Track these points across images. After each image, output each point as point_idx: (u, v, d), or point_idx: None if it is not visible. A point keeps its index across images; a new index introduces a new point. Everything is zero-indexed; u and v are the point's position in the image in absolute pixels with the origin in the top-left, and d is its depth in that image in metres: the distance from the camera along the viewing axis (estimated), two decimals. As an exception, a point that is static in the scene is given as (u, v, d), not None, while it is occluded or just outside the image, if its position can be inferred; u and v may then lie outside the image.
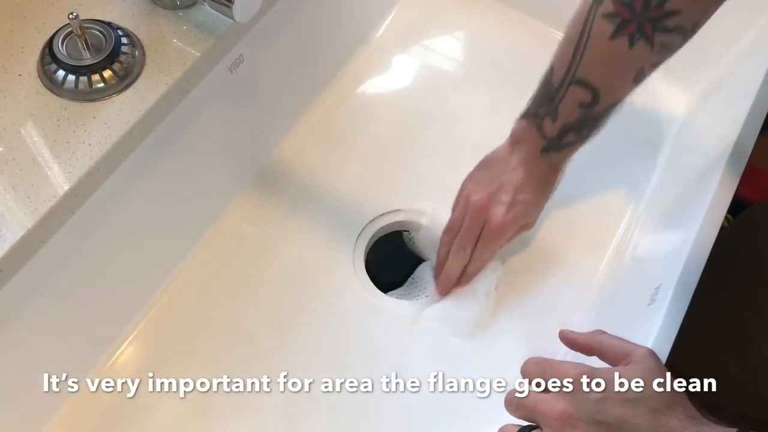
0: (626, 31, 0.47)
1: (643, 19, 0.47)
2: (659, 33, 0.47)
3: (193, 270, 0.64)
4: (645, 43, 0.48)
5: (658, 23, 0.47)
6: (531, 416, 0.41)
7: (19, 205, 0.45)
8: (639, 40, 0.48)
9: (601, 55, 0.50)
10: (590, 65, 0.50)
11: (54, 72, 0.48)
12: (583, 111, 0.52)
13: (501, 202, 0.57)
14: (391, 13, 0.80)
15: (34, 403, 0.54)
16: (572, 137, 0.55)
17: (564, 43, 0.52)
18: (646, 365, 0.39)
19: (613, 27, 0.48)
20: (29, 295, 0.48)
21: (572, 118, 0.53)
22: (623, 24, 0.47)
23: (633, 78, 0.51)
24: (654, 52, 0.48)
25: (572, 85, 0.51)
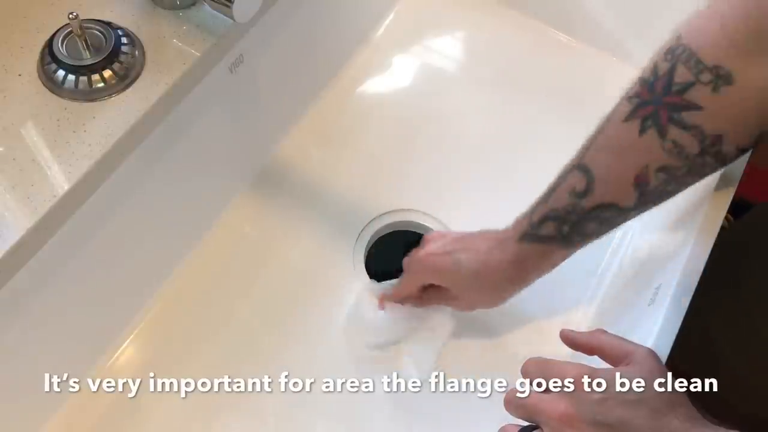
0: (641, 113, 0.42)
1: (660, 102, 0.41)
2: (673, 126, 0.41)
3: (193, 270, 0.64)
4: (656, 133, 0.41)
5: (675, 113, 0.41)
6: (532, 416, 0.41)
7: (19, 205, 0.44)
8: (650, 128, 0.42)
9: (609, 139, 0.44)
10: (596, 149, 0.45)
11: (54, 72, 0.48)
12: (570, 200, 0.46)
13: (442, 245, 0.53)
14: (391, 13, 0.80)
15: (34, 403, 0.54)
16: (550, 228, 0.48)
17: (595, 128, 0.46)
18: (647, 365, 0.39)
19: (630, 108, 0.42)
20: (29, 295, 0.48)
21: (558, 205, 0.47)
22: (640, 105, 0.42)
23: (634, 177, 0.43)
24: (664, 149, 0.42)
25: (574, 169, 0.46)
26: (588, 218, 0.46)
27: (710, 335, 0.58)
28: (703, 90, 0.39)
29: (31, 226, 0.44)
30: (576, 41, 0.79)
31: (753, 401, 0.57)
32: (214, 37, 0.52)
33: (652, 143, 0.42)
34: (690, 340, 0.46)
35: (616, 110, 0.44)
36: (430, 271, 0.54)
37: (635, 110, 0.42)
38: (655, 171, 0.43)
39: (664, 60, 0.41)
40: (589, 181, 0.45)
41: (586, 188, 0.45)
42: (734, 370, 0.56)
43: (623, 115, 0.43)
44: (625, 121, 0.43)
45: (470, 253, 0.52)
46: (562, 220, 0.47)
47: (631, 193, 0.44)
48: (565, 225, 0.47)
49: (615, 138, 0.44)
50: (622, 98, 0.44)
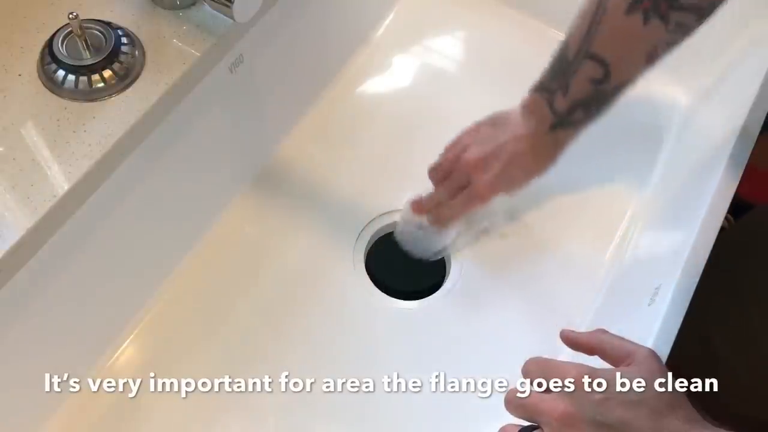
0: (641, 6, 0.47)
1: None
2: (674, 11, 0.46)
3: (193, 270, 0.64)
4: (659, 20, 0.47)
5: (674, 1, 0.46)
6: (532, 416, 0.41)
7: (18, 205, 0.44)
8: (653, 17, 0.47)
9: (615, 30, 0.49)
10: (603, 40, 0.49)
11: (54, 72, 0.48)
12: (593, 87, 0.52)
13: (491, 169, 0.57)
14: (391, 13, 0.80)
15: (34, 403, 0.54)
16: (581, 114, 0.54)
17: (579, 17, 0.51)
18: (647, 366, 0.39)
19: (627, 3, 0.47)
20: (29, 295, 0.48)
21: (582, 95, 0.52)
22: (638, 0, 0.47)
23: (646, 56, 0.50)
24: (669, 30, 0.48)
25: (585, 59, 0.51)
26: (611, 96, 0.52)
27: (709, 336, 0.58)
28: None
29: (31, 226, 0.44)
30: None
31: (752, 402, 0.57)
32: (214, 37, 0.52)
33: (657, 29, 0.47)
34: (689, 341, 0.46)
35: (611, 3, 0.48)
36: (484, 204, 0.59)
37: (634, 4, 0.47)
38: (663, 47, 0.49)
39: None
40: (605, 69, 0.50)
41: (604, 75, 0.50)
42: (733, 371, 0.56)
43: (623, 8, 0.47)
44: (628, 14, 0.47)
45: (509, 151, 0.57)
46: (589, 105, 0.53)
47: (643, 68, 0.51)
48: (593, 107, 0.53)
49: (620, 30, 0.49)
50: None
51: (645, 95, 0.76)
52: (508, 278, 0.65)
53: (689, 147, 0.70)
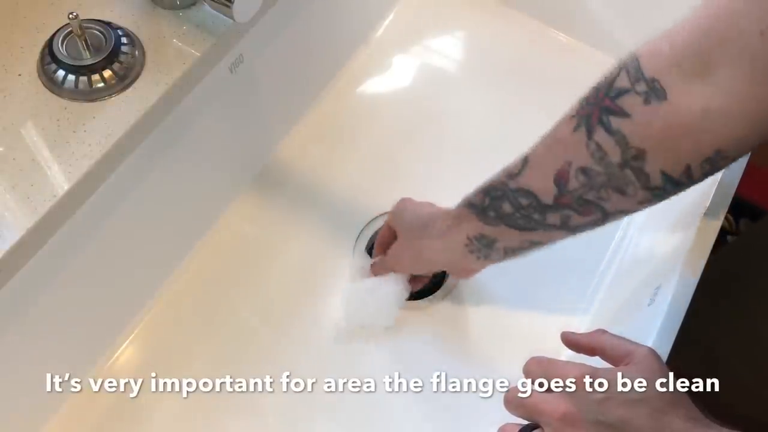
0: (582, 112, 0.42)
1: (596, 105, 0.41)
2: (600, 127, 0.41)
3: (193, 270, 0.64)
4: (584, 131, 0.42)
5: (605, 116, 0.41)
6: (532, 416, 0.41)
7: (18, 205, 0.44)
8: (581, 126, 0.42)
9: (553, 131, 0.45)
10: (542, 139, 0.45)
11: (54, 72, 0.48)
12: (502, 177, 0.47)
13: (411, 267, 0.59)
14: (391, 13, 0.80)
15: (34, 403, 0.54)
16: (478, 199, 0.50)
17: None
18: (648, 365, 0.39)
19: (578, 106, 0.43)
20: (29, 295, 0.48)
21: (493, 180, 0.49)
22: (584, 104, 0.42)
23: (556, 171, 0.43)
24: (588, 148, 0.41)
25: (522, 155, 0.47)
26: (506, 197, 0.47)
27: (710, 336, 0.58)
28: (635, 99, 0.39)
29: (31, 226, 0.44)
30: (576, 41, 0.79)
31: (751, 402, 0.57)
32: (214, 37, 0.52)
33: (579, 141, 0.42)
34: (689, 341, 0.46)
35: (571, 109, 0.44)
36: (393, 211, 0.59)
37: (579, 109, 0.43)
38: (576, 170, 0.43)
39: (617, 65, 0.41)
40: (522, 166, 0.46)
41: (518, 171, 0.46)
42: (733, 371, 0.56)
43: (572, 112, 0.44)
44: (568, 118, 0.43)
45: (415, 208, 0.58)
46: (486, 193, 0.49)
47: (550, 187, 0.44)
48: (488, 197, 0.49)
49: (554, 131, 0.44)
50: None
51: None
52: (508, 278, 0.65)
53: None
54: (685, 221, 0.55)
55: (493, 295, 0.64)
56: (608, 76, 0.41)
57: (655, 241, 0.63)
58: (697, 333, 0.47)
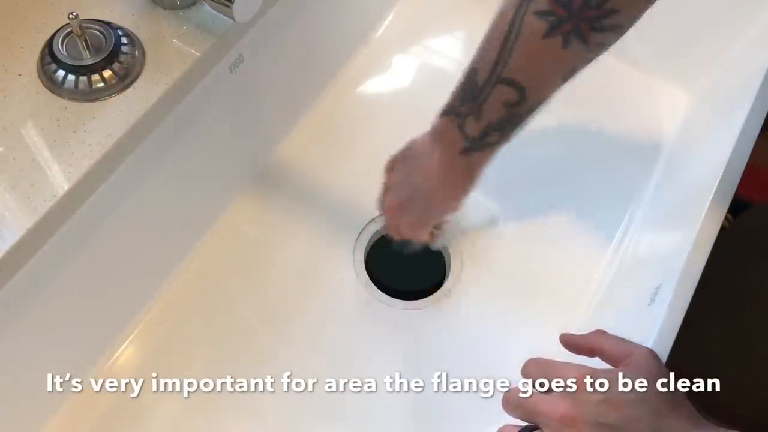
0: (561, 30, 0.44)
1: (579, 18, 0.43)
2: (595, 33, 0.44)
3: (193, 270, 0.64)
4: (580, 43, 0.45)
5: (596, 23, 0.44)
6: (531, 417, 0.41)
7: (18, 205, 0.44)
8: (574, 40, 0.44)
9: (531, 54, 0.46)
10: (518, 64, 0.47)
11: (54, 72, 0.48)
12: (508, 110, 0.49)
13: (411, 215, 0.57)
14: (391, 13, 0.80)
15: (34, 404, 0.54)
16: (496, 137, 0.51)
17: (488, 40, 0.49)
18: (648, 365, 0.39)
19: (547, 26, 0.44)
20: (29, 295, 0.48)
21: (496, 118, 0.50)
22: (558, 23, 0.44)
23: (563, 77, 0.48)
24: (589, 51, 0.46)
25: (498, 84, 0.48)
26: (526, 116, 0.50)
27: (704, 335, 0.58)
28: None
29: (31, 226, 0.44)
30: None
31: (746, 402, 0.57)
32: (214, 37, 0.52)
33: (577, 51, 0.45)
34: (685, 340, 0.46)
35: (527, 27, 0.46)
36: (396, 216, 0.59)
37: (553, 28, 0.44)
38: (581, 65, 0.47)
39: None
40: (520, 93, 0.47)
41: (519, 98, 0.48)
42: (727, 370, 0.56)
43: (540, 32, 0.45)
44: (545, 38, 0.45)
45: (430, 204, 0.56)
46: (504, 127, 0.50)
47: (560, 85, 0.48)
48: (507, 129, 0.51)
49: (538, 53, 0.46)
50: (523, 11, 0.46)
51: (645, 96, 0.76)
52: (509, 278, 0.65)
53: (689, 146, 0.70)
54: (685, 221, 0.55)
55: (494, 295, 0.64)
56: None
57: (655, 240, 0.63)
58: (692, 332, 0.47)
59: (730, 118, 0.60)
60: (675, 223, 0.60)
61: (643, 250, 0.64)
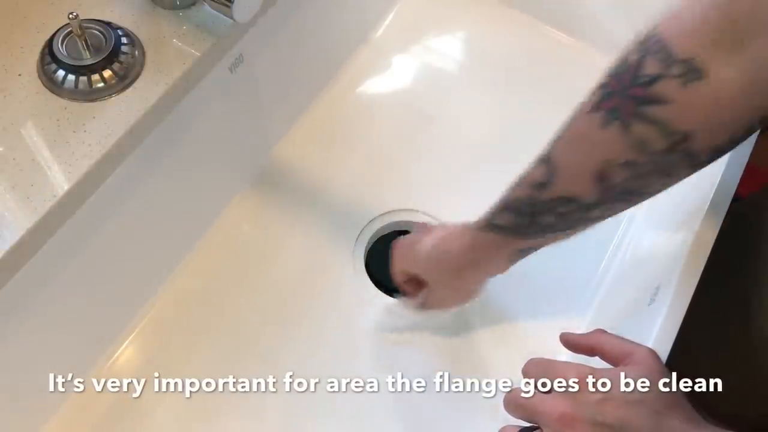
0: (607, 104, 0.39)
1: (625, 95, 0.39)
2: (638, 120, 0.38)
3: (193, 270, 0.64)
4: (619, 126, 0.39)
5: (640, 107, 0.38)
6: (531, 417, 0.41)
7: (18, 205, 0.44)
8: (613, 121, 0.39)
9: (573, 130, 0.42)
10: (560, 140, 0.43)
11: (54, 72, 0.48)
12: (530, 191, 0.44)
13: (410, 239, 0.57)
14: (391, 13, 0.80)
15: (35, 403, 0.54)
16: (506, 220, 0.47)
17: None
18: (649, 365, 0.39)
19: (596, 99, 0.40)
20: (29, 295, 0.48)
21: (516, 196, 0.46)
22: (606, 97, 0.40)
23: (595, 170, 0.41)
24: (627, 144, 0.39)
25: (539, 161, 0.44)
26: (545, 211, 0.44)
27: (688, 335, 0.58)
28: (672, 84, 0.37)
29: (31, 226, 0.44)
30: (576, 41, 0.79)
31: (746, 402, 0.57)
32: (214, 37, 0.52)
33: (614, 137, 0.39)
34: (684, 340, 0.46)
35: (584, 101, 0.42)
36: (398, 257, 0.57)
37: (600, 102, 0.40)
38: (618, 166, 0.40)
39: (635, 50, 0.39)
40: (550, 174, 0.43)
41: (546, 180, 0.43)
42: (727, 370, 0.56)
43: (589, 105, 0.41)
44: (590, 113, 0.40)
45: (432, 238, 0.54)
46: (518, 212, 0.46)
47: (591, 187, 0.42)
48: (522, 216, 0.46)
49: (578, 130, 0.42)
50: (592, 89, 0.42)
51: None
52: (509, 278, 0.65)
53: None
54: (685, 221, 0.55)
55: (495, 295, 0.64)
56: (625, 63, 0.39)
57: (655, 241, 0.63)
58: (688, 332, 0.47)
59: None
60: (675, 223, 0.60)
61: (643, 250, 0.64)
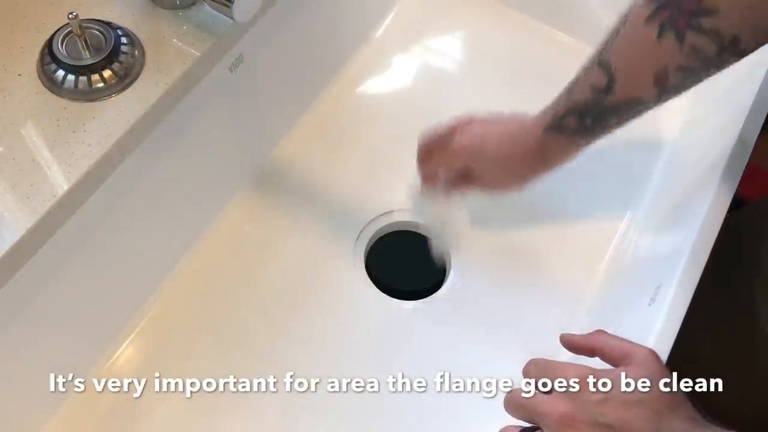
0: (659, 17, 0.43)
1: (677, 7, 0.42)
2: (691, 30, 0.42)
3: (193, 270, 0.64)
4: (674, 37, 0.43)
5: (693, 18, 0.42)
6: (531, 417, 0.41)
7: (18, 205, 0.44)
8: (668, 32, 0.43)
9: (628, 39, 0.45)
10: (616, 47, 0.46)
11: (54, 72, 0.48)
12: (593, 95, 0.48)
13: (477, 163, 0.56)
14: (391, 13, 0.80)
15: (35, 403, 0.54)
16: (573, 122, 0.50)
17: (608, 31, 0.48)
18: (649, 366, 0.39)
19: (649, 11, 0.43)
20: (29, 295, 0.48)
21: (580, 100, 0.49)
22: (659, 9, 0.43)
23: (654, 75, 0.45)
24: (682, 52, 0.43)
25: (594, 65, 0.47)
26: (609, 113, 0.48)
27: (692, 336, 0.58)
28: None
29: (30, 226, 0.44)
30: (576, 41, 0.79)
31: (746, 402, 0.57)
32: (214, 37, 0.52)
33: (670, 46, 0.43)
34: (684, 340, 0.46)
35: (636, 10, 0.45)
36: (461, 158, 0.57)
37: (654, 13, 0.43)
38: (675, 70, 0.44)
39: None
40: (609, 79, 0.46)
41: (607, 85, 0.46)
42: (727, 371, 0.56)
43: (643, 17, 0.44)
44: (645, 24, 0.43)
45: (496, 142, 0.55)
46: (584, 114, 0.49)
47: (651, 89, 0.46)
48: (588, 118, 0.49)
49: (634, 38, 0.45)
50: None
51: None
52: (509, 278, 0.65)
53: (690, 146, 0.70)
54: (685, 221, 0.55)
55: (495, 295, 0.64)
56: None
57: (656, 240, 0.63)
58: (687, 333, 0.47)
59: (730, 119, 0.60)
60: (675, 223, 0.60)
61: (643, 250, 0.64)
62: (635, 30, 0.44)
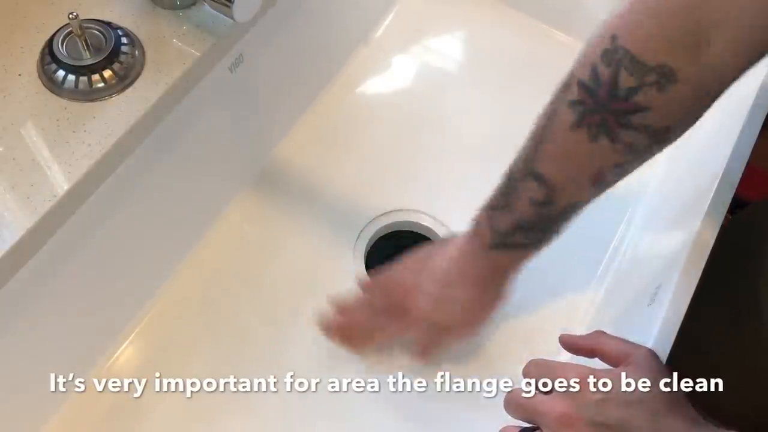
0: (587, 121, 0.42)
1: (606, 110, 0.41)
2: (624, 130, 0.41)
3: (193, 270, 0.64)
4: (607, 139, 0.42)
5: (623, 118, 0.41)
6: (531, 417, 0.41)
7: (18, 205, 0.44)
8: (601, 134, 0.42)
9: (559, 148, 0.44)
10: (547, 158, 0.44)
11: (54, 72, 0.48)
12: (535, 210, 0.46)
13: (425, 292, 0.52)
14: (391, 13, 0.80)
15: (34, 403, 0.54)
16: (521, 237, 0.49)
17: (530, 133, 0.46)
18: (649, 365, 0.39)
19: (575, 117, 0.42)
20: (29, 295, 0.48)
21: (524, 217, 0.47)
22: (585, 114, 0.42)
23: (591, 178, 0.44)
24: (616, 151, 0.42)
25: (527, 177, 0.46)
26: (554, 221, 0.48)
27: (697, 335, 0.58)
28: (649, 91, 0.40)
29: (30, 226, 0.44)
30: (576, 41, 0.79)
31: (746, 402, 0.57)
32: (214, 37, 0.52)
33: (605, 148, 0.42)
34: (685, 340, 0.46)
35: (559, 117, 0.43)
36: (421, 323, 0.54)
37: (581, 118, 0.42)
38: (611, 168, 0.44)
39: (604, 65, 0.41)
40: (548, 191, 0.45)
41: (546, 197, 0.46)
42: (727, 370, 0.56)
43: (569, 123, 0.43)
44: (573, 130, 0.42)
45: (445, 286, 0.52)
46: (531, 229, 0.48)
47: (589, 191, 0.46)
48: (536, 232, 0.48)
49: (565, 146, 0.44)
50: (560, 100, 0.43)
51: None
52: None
53: (690, 146, 0.70)
54: (685, 221, 0.55)
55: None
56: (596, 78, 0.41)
57: (655, 241, 0.63)
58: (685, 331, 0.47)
59: (730, 118, 0.60)
60: (675, 223, 0.60)
61: (643, 250, 0.64)
62: (564, 137, 0.43)
